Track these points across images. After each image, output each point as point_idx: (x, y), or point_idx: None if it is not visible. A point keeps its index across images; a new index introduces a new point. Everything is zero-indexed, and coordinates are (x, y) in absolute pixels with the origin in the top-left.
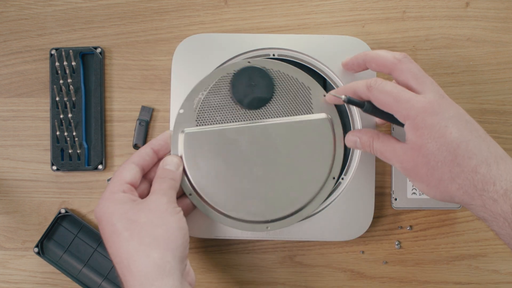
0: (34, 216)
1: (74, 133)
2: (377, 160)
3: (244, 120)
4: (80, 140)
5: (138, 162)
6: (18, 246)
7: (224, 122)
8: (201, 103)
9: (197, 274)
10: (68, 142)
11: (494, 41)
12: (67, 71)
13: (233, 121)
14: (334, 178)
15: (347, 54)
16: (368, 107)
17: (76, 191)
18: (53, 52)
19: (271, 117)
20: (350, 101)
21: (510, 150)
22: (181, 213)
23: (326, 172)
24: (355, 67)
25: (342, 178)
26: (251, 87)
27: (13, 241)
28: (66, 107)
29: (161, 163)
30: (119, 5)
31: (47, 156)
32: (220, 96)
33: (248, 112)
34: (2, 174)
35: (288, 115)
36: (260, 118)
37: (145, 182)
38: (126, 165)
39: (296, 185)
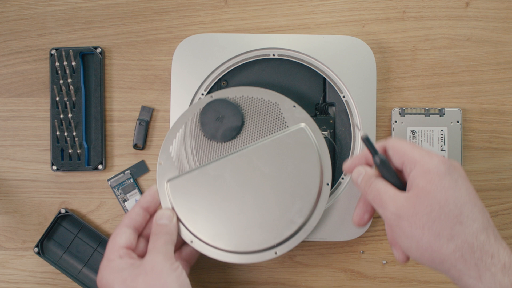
0: (34, 216)
1: (74, 133)
2: None
3: (223, 154)
4: (80, 140)
5: (130, 224)
6: (18, 246)
7: (205, 161)
8: (177, 149)
9: (197, 274)
10: (68, 142)
11: (494, 41)
12: (67, 71)
13: (213, 158)
14: (328, 184)
15: (347, 54)
16: (381, 157)
17: (76, 191)
18: (53, 52)
19: (249, 143)
20: (367, 140)
21: (510, 150)
22: (179, 268)
23: (318, 181)
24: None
25: (342, 178)
26: (220, 120)
27: (13, 241)
28: (66, 107)
29: (154, 219)
30: (119, 5)
31: (47, 156)
32: (194, 138)
33: (225, 144)
34: (2, 174)
35: (264, 136)
36: (238, 147)
37: (143, 240)
38: (119, 230)
39: (292, 201)
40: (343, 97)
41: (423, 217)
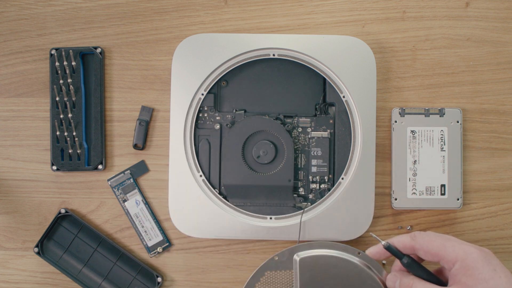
0: (34, 216)
1: (74, 133)
2: (377, 160)
3: None
4: (80, 140)
5: None
6: (18, 246)
7: None
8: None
9: (197, 274)
10: (68, 142)
11: (494, 41)
12: (67, 71)
13: None
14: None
15: (347, 54)
16: (407, 259)
17: (76, 191)
18: (53, 52)
19: None
20: (390, 248)
21: (510, 150)
22: None
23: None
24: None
25: (342, 178)
26: None
27: (13, 241)
28: (66, 107)
29: None
30: (119, 5)
31: (47, 156)
32: None
33: None
34: (2, 174)
35: None
36: None
37: None
38: None
39: None
40: (343, 97)
41: None
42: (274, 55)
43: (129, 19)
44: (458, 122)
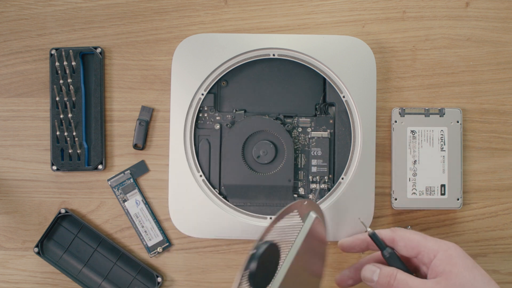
0: (34, 216)
1: (74, 133)
2: (377, 160)
3: None
4: (80, 140)
5: None
6: (18, 246)
7: None
8: None
9: (197, 274)
10: (68, 142)
11: (494, 41)
12: (67, 71)
13: None
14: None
15: (347, 54)
16: (390, 251)
17: (76, 191)
18: (53, 52)
19: None
20: (374, 237)
21: (510, 150)
22: None
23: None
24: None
25: (342, 178)
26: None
27: (13, 241)
28: (66, 107)
29: None
30: (119, 5)
31: (47, 156)
32: None
33: None
34: (2, 174)
35: None
36: None
37: None
38: None
39: None
40: (343, 97)
41: None
42: (274, 55)
43: (129, 19)
44: (458, 122)
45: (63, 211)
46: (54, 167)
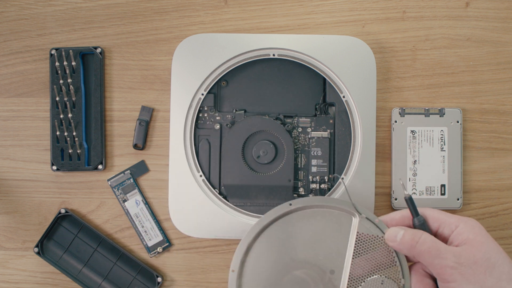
0: (34, 216)
1: (74, 133)
2: (377, 160)
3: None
4: (80, 140)
5: None
6: (18, 246)
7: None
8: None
9: (197, 274)
10: (68, 142)
11: (494, 41)
12: (67, 71)
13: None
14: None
15: (347, 54)
16: (421, 219)
17: (76, 191)
18: (53, 52)
19: None
20: (410, 200)
21: (510, 150)
22: None
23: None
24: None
25: (342, 178)
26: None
27: (13, 241)
28: (66, 107)
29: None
30: (119, 5)
31: (47, 156)
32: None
33: None
34: (2, 174)
35: None
36: None
37: None
38: None
39: None
40: (343, 97)
41: (483, 264)
42: (274, 55)
43: (129, 19)
44: (458, 122)
45: (63, 211)
46: (54, 167)
